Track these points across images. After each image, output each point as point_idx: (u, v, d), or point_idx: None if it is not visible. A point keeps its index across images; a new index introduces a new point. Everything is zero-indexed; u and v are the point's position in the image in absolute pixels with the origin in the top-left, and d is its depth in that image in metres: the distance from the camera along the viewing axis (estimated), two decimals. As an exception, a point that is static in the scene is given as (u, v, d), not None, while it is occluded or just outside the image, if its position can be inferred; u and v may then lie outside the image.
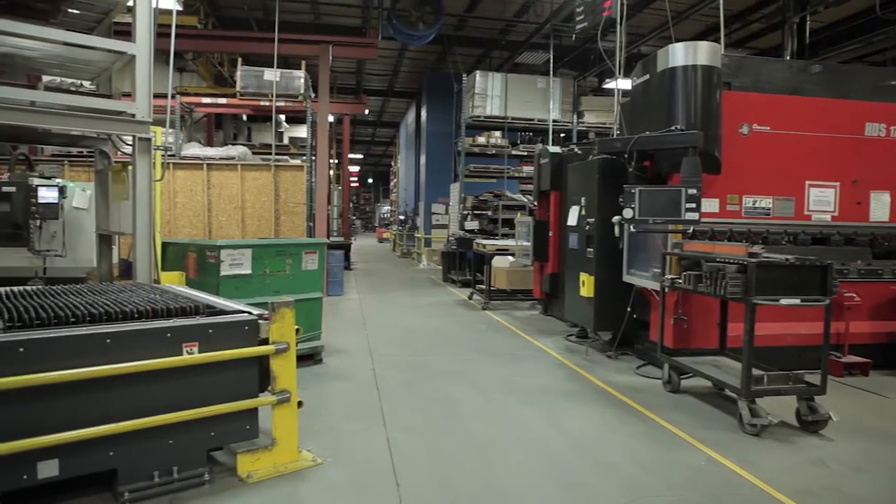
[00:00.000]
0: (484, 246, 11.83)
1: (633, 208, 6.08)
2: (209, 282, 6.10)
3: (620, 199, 6.17)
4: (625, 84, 8.99)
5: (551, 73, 16.75)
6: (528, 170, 18.73)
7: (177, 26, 6.36)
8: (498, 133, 18.43)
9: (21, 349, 3.11)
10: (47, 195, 7.21)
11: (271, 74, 13.58)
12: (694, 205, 5.94)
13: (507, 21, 17.18)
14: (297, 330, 4.03)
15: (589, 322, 7.46)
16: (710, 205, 6.61)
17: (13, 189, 7.25)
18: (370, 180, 59.79)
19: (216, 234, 11.52)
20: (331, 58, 13.76)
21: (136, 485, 3.50)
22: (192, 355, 3.62)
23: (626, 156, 6.75)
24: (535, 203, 10.10)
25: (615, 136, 7.65)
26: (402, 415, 5.22)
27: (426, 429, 4.90)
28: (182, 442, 3.64)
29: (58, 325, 3.43)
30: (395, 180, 32.89)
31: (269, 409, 3.98)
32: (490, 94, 16.83)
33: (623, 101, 8.14)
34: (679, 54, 6.53)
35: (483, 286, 11.55)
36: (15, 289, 4.46)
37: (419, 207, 22.80)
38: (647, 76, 6.98)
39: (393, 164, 35.41)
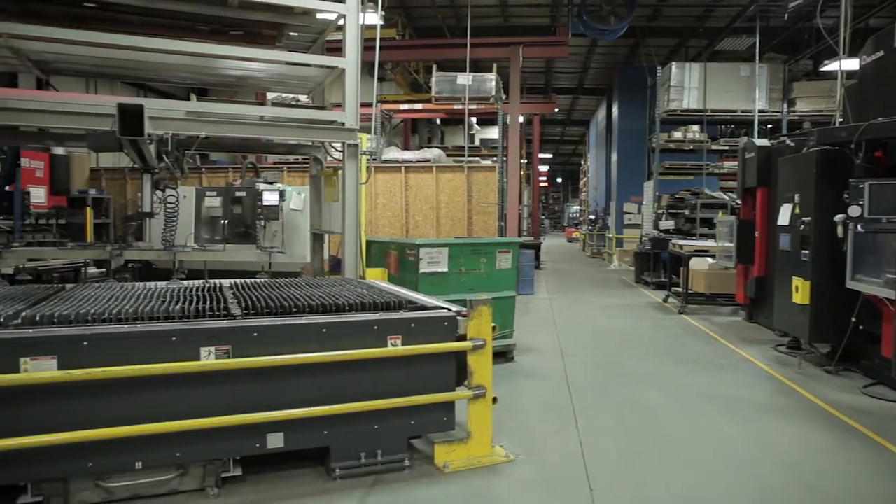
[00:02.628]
0: (681, 246, 11.27)
1: (860, 205, 5.44)
2: (409, 278, 6.45)
3: (845, 196, 5.52)
4: (850, 64, 8.01)
5: (757, 58, 15.35)
6: (729, 165, 17.39)
7: (379, 39, 6.81)
8: (696, 127, 17.35)
9: (255, 333, 3.56)
10: (270, 198, 8.14)
11: (464, 78, 14.03)
12: (942, 200, 5.13)
13: (706, 6, 16.09)
14: (494, 327, 4.12)
15: (803, 332, 6.76)
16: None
17: (244, 193, 8.29)
18: (559, 179, 59.38)
19: (412, 233, 12.16)
20: (521, 59, 13.88)
21: (345, 463, 3.82)
22: (396, 347, 3.86)
23: (852, 146, 6.00)
24: (739, 201, 9.40)
25: (837, 125, 6.84)
26: (595, 417, 5.12)
27: (620, 433, 4.76)
28: (386, 428, 3.90)
29: (283, 314, 3.85)
30: (584, 179, 32.32)
31: (465, 403, 4.11)
32: (687, 86, 15.87)
33: (848, 84, 7.25)
34: (923, 26, 5.69)
35: (679, 289, 10.98)
36: (248, 281, 5.09)
37: (610, 206, 22.20)
38: (881, 53, 6.16)
39: (582, 162, 34.81)
